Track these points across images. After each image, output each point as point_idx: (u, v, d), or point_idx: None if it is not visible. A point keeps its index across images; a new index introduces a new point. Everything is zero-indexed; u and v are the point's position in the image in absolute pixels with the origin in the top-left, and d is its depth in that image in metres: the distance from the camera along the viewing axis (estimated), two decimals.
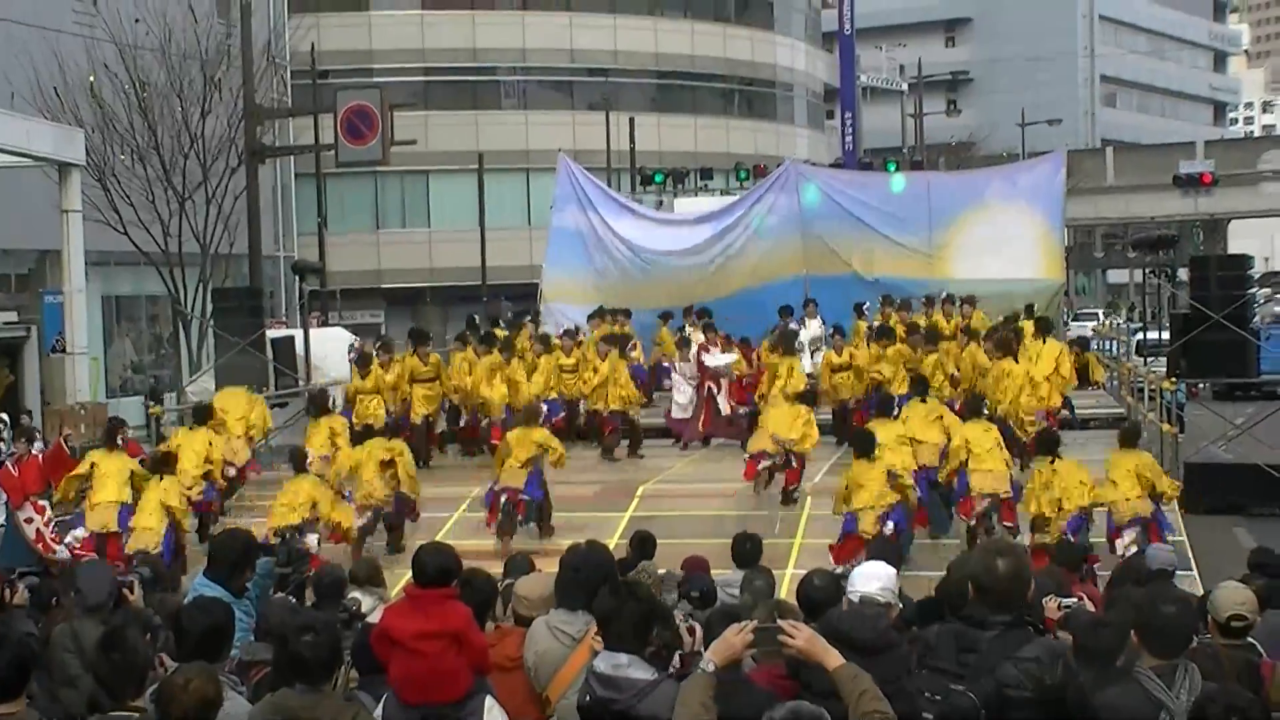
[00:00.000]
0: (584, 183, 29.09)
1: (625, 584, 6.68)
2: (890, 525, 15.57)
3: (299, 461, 17.39)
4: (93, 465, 17.43)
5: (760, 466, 18.27)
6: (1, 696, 6.35)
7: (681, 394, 23.31)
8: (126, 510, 16.91)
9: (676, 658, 6.42)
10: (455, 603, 6.89)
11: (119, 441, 17.95)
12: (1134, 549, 14.52)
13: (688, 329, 24.62)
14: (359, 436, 21.09)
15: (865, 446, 16.21)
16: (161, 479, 16.96)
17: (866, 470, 15.88)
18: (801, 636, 5.24)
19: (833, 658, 5.26)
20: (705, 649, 6.79)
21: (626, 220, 28.90)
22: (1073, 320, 49.03)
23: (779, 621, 5.32)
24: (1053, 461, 15.66)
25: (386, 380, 21.48)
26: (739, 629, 5.44)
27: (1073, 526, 15.17)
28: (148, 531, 16.42)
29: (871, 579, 6.54)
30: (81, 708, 6.53)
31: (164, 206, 36.07)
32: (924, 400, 18.51)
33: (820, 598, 7.02)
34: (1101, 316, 54.75)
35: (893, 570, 6.69)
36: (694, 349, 23.23)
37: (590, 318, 25.23)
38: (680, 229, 29.43)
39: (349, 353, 25.50)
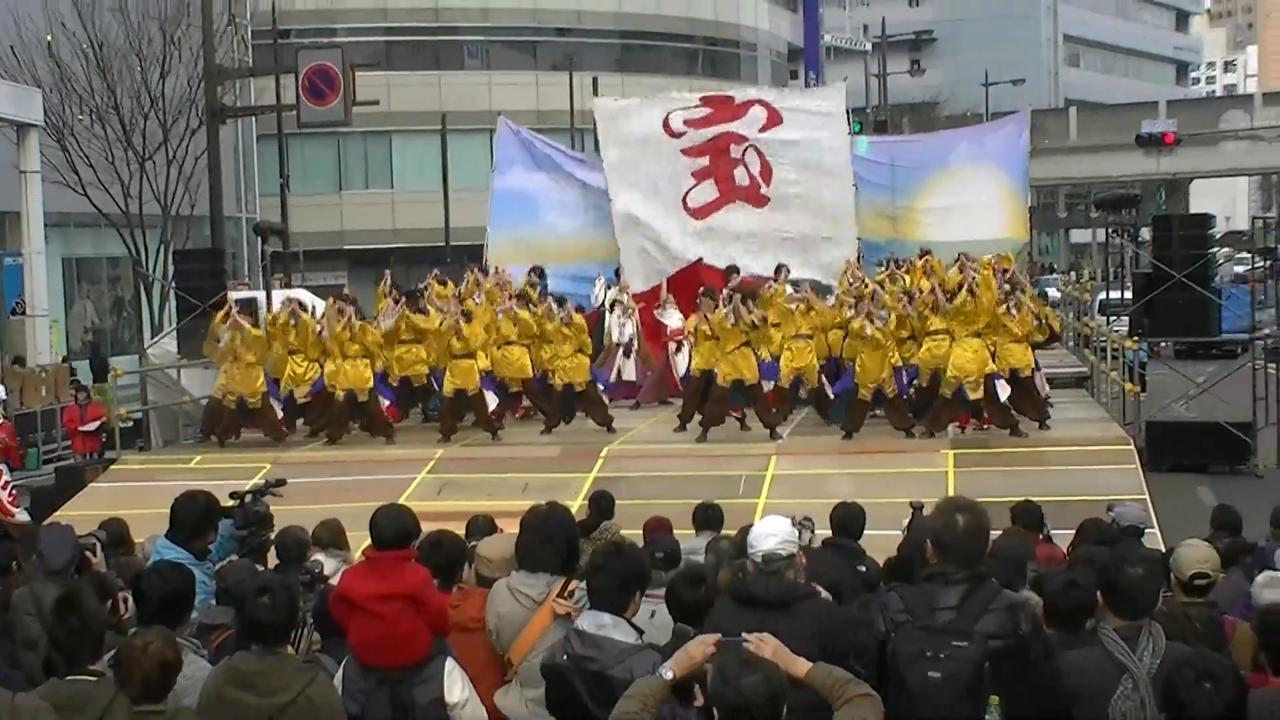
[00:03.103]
0: (533, 142, 28.59)
1: (614, 544, 6.67)
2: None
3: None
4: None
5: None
6: None
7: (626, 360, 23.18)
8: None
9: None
10: (413, 565, 6.84)
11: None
12: None
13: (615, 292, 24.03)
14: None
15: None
16: None
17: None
18: (768, 648, 5.20)
19: (799, 665, 5.24)
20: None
21: (583, 171, 28.33)
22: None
23: (744, 635, 5.27)
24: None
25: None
26: (701, 641, 5.40)
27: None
28: None
29: (769, 536, 6.49)
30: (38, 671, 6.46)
31: (124, 167, 35.81)
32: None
33: None
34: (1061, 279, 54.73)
35: (787, 523, 6.69)
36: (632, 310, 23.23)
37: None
38: None
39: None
